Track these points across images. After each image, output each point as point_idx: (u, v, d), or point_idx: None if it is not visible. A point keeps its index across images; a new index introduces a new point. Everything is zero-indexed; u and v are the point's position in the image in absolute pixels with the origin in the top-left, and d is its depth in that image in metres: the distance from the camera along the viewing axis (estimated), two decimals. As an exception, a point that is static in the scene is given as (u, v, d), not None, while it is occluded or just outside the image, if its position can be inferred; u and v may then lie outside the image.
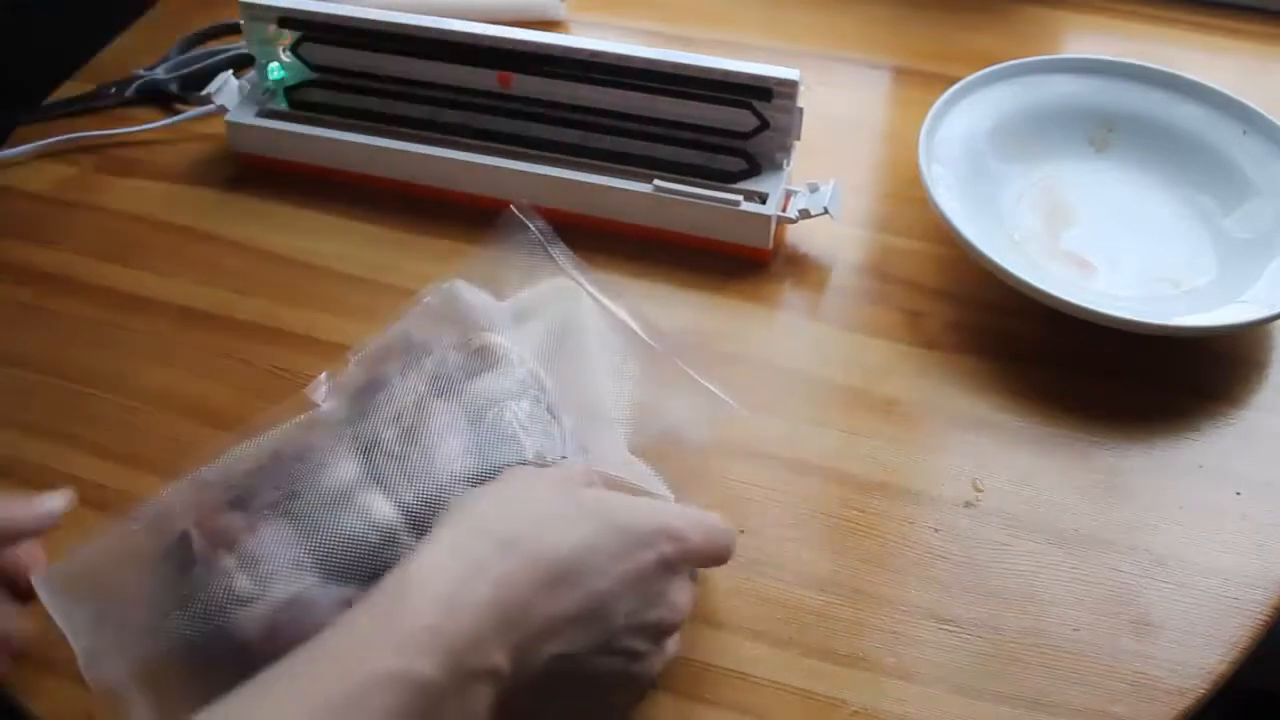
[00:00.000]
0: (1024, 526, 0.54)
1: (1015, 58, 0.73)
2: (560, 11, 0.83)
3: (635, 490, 0.45)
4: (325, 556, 0.42)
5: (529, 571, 0.38)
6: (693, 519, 0.43)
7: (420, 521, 0.42)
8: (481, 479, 0.43)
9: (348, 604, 0.40)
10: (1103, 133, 0.72)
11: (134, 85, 0.77)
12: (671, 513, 0.43)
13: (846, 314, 0.64)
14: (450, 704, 0.36)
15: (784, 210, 0.65)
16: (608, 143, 0.68)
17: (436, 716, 0.35)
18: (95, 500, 0.55)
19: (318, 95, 0.72)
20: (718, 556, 0.45)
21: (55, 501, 0.46)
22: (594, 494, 0.43)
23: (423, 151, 0.69)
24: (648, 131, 0.67)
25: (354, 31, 0.69)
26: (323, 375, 0.48)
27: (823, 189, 0.65)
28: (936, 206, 0.63)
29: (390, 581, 0.38)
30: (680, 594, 0.43)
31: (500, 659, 0.37)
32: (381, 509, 0.42)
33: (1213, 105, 0.70)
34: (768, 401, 0.59)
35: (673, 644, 0.44)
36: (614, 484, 0.45)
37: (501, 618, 0.37)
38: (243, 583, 0.41)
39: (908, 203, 0.69)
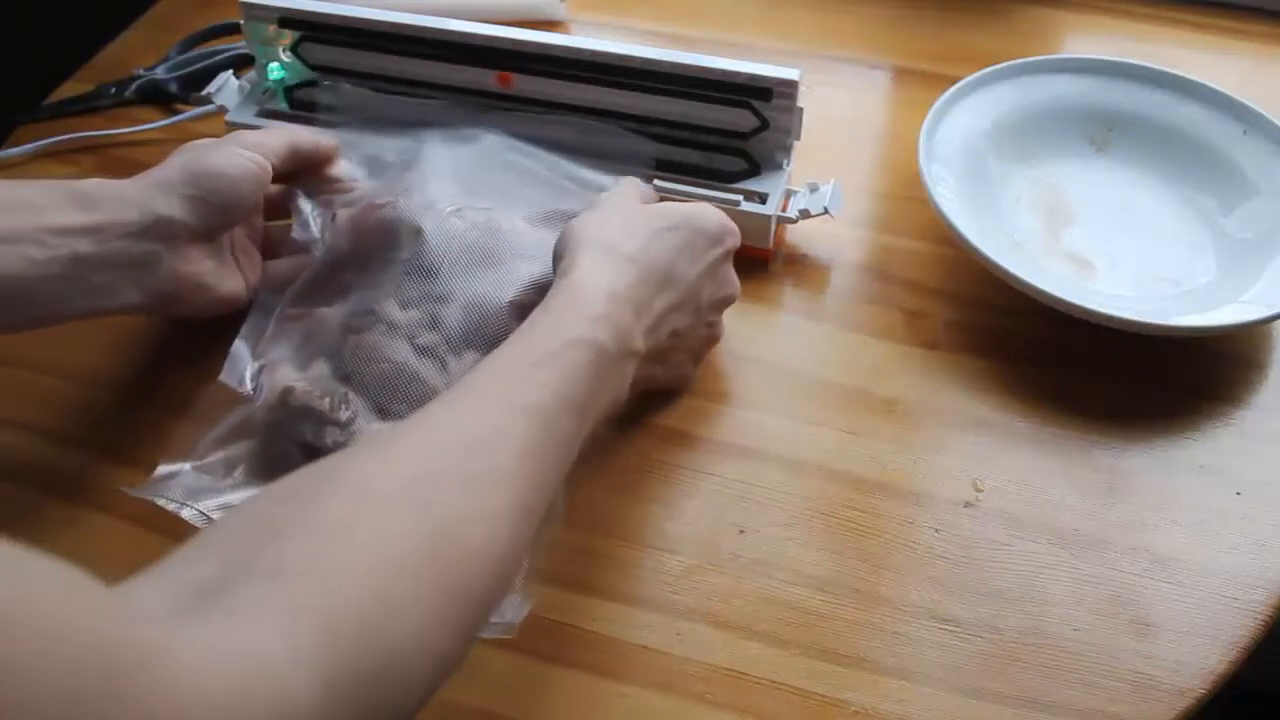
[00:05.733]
0: (1024, 526, 0.54)
1: (1015, 58, 0.73)
2: (560, 11, 0.83)
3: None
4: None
5: (647, 278, 0.51)
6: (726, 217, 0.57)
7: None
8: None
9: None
10: (1103, 133, 0.72)
11: (134, 85, 0.77)
12: (720, 213, 0.56)
13: (847, 314, 0.64)
14: (613, 370, 0.48)
15: (784, 210, 0.65)
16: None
17: (604, 377, 0.47)
18: (100, 502, 0.55)
19: (318, 95, 0.72)
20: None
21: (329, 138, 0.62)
22: (667, 208, 0.55)
23: (423, 151, 0.68)
24: (647, 131, 0.67)
25: (354, 31, 0.69)
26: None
27: (823, 189, 0.65)
28: (936, 206, 0.63)
29: (563, 285, 0.49)
30: (733, 273, 0.57)
31: (640, 343, 0.50)
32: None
33: (1213, 105, 0.70)
34: (768, 401, 0.59)
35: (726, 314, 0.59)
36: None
37: (638, 313, 0.50)
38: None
39: (908, 203, 0.69)
